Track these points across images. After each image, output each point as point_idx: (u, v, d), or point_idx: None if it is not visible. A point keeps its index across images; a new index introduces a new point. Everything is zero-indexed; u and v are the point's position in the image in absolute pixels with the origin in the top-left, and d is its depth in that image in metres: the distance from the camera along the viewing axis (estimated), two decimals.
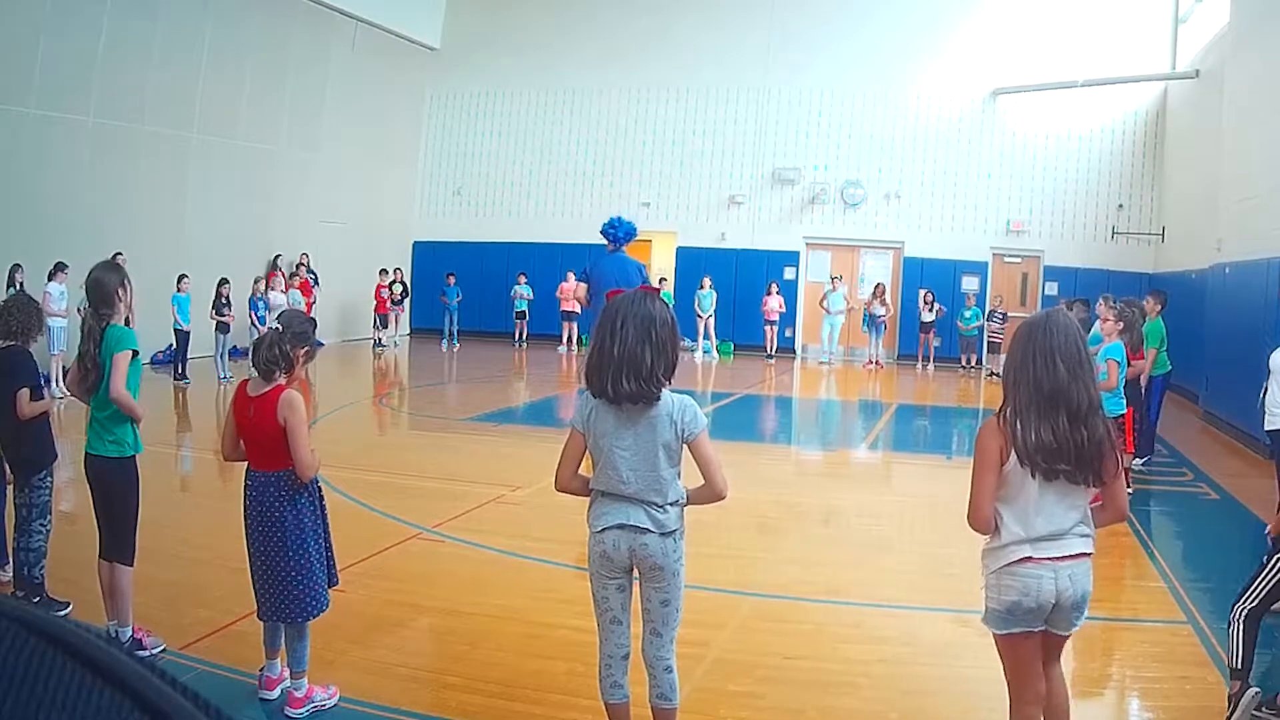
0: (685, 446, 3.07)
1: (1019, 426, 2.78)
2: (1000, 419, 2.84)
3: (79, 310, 4.25)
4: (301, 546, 3.61)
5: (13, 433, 4.61)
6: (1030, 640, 2.86)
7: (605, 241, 7.91)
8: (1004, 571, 2.81)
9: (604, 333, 3.03)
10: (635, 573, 3.14)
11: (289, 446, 3.60)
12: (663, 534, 3.04)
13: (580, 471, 3.20)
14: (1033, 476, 2.76)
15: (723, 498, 3.10)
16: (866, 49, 19.10)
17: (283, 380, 3.66)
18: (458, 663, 4.24)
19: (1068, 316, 2.97)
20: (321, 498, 3.80)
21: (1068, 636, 2.96)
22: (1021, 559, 2.78)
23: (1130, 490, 7.28)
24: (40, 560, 4.57)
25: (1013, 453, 2.76)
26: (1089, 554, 2.85)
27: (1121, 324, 6.93)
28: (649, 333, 2.99)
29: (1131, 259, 18.24)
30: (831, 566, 5.89)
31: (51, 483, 4.67)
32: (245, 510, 3.68)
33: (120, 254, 11.82)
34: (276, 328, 3.72)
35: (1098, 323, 7.18)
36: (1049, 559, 2.78)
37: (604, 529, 3.07)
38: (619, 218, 8.03)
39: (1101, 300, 7.36)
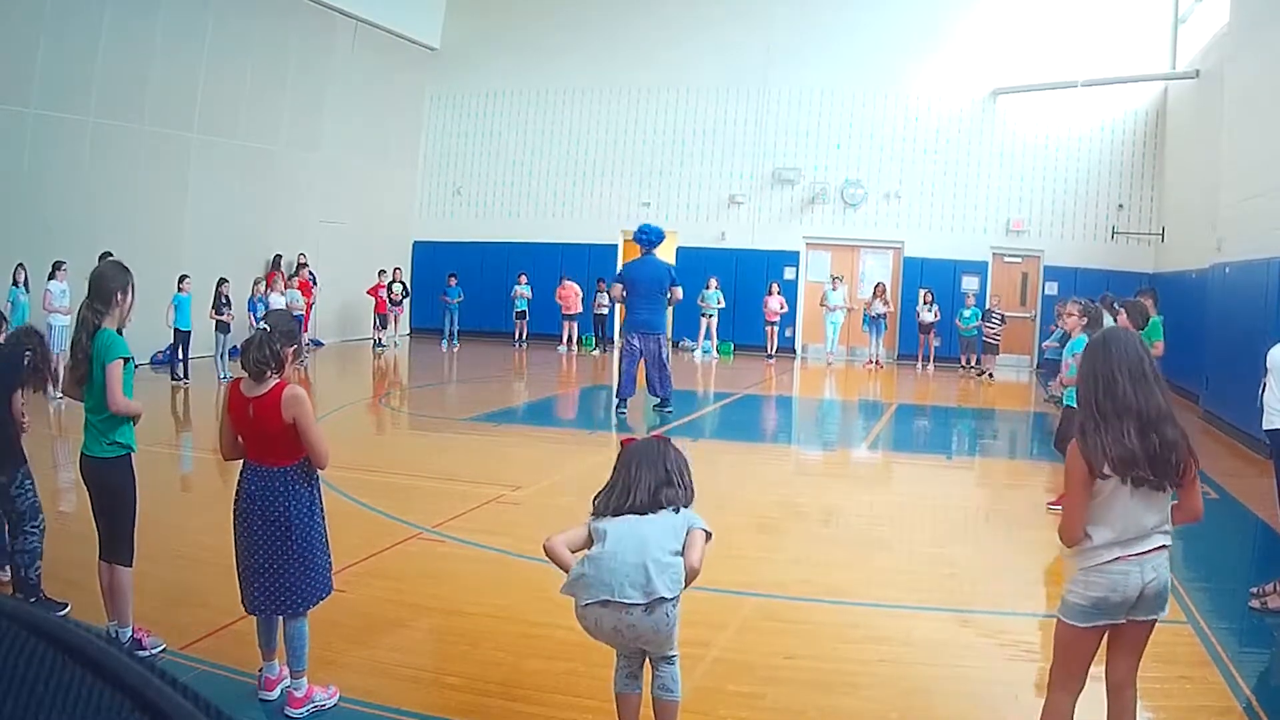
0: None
1: (1092, 441, 2.93)
2: (1080, 438, 2.99)
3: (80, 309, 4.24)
4: (307, 538, 3.62)
5: None
6: (1097, 635, 2.99)
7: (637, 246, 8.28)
8: (1094, 570, 2.94)
9: (618, 477, 3.30)
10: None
11: (302, 441, 3.61)
12: (650, 605, 3.07)
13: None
14: (1124, 483, 2.90)
15: (695, 575, 3.22)
16: (866, 49, 19.11)
17: (276, 379, 3.65)
18: (458, 663, 4.24)
19: (1127, 333, 3.20)
20: (319, 487, 3.81)
21: (1150, 630, 3.04)
22: (1113, 559, 2.92)
23: None
24: (35, 561, 4.55)
25: (1104, 465, 2.89)
26: (1168, 546, 3.00)
27: (1086, 319, 7.00)
28: (666, 482, 3.25)
29: (1131, 259, 18.24)
30: (831, 566, 5.89)
31: (31, 485, 4.65)
32: (242, 503, 3.67)
33: (109, 253, 11.83)
34: (264, 328, 3.72)
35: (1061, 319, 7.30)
36: (1134, 555, 2.92)
37: (586, 604, 3.14)
38: (647, 224, 8.42)
39: (1072, 300, 7.50)
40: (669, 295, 10.61)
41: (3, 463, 4.56)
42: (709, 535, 3.24)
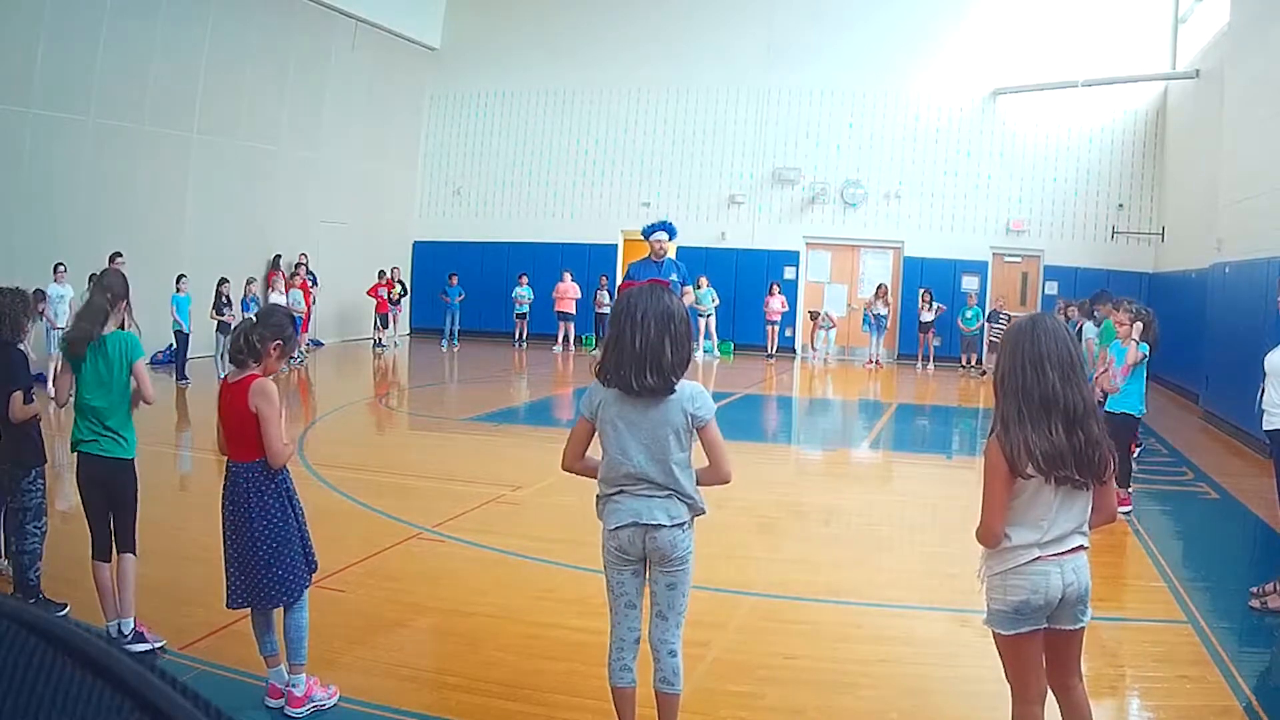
0: (695, 432, 3.13)
1: (1015, 437, 2.77)
2: (996, 433, 2.85)
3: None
4: (272, 535, 3.61)
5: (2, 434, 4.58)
6: (1035, 639, 2.87)
7: (668, 241, 7.78)
8: (1012, 572, 2.82)
9: (623, 326, 3.07)
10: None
11: (260, 435, 3.60)
12: (673, 525, 3.10)
13: (588, 455, 3.26)
14: (1047, 482, 2.77)
15: (728, 481, 3.19)
16: (866, 49, 19.11)
17: (256, 371, 3.66)
18: (458, 663, 4.24)
19: (1055, 320, 2.99)
20: (289, 485, 3.76)
21: (1079, 638, 2.95)
22: (1033, 559, 2.80)
23: (1130, 489, 7.30)
24: (35, 562, 4.55)
25: (1027, 464, 2.75)
26: (1086, 547, 2.89)
27: (1140, 323, 6.91)
28: (668, 327, 3.06)
29: (1131, 259, 18.25)
30: (831, 566, 5.89)
31: (43, 485, 4.65)
32: (222, 497, 3.71)
33: (120, 255, 11.84)
34: (251, 319, 3.72)
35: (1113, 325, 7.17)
36: (1054, 555, 2.81)
37: (618, 527, 3.13)
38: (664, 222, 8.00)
39: (1123, 308, 7.26)
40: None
41: (24, 455, 4.57)
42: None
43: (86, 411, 4.17)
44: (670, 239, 7.71)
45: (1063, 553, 2.81)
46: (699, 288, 18.83)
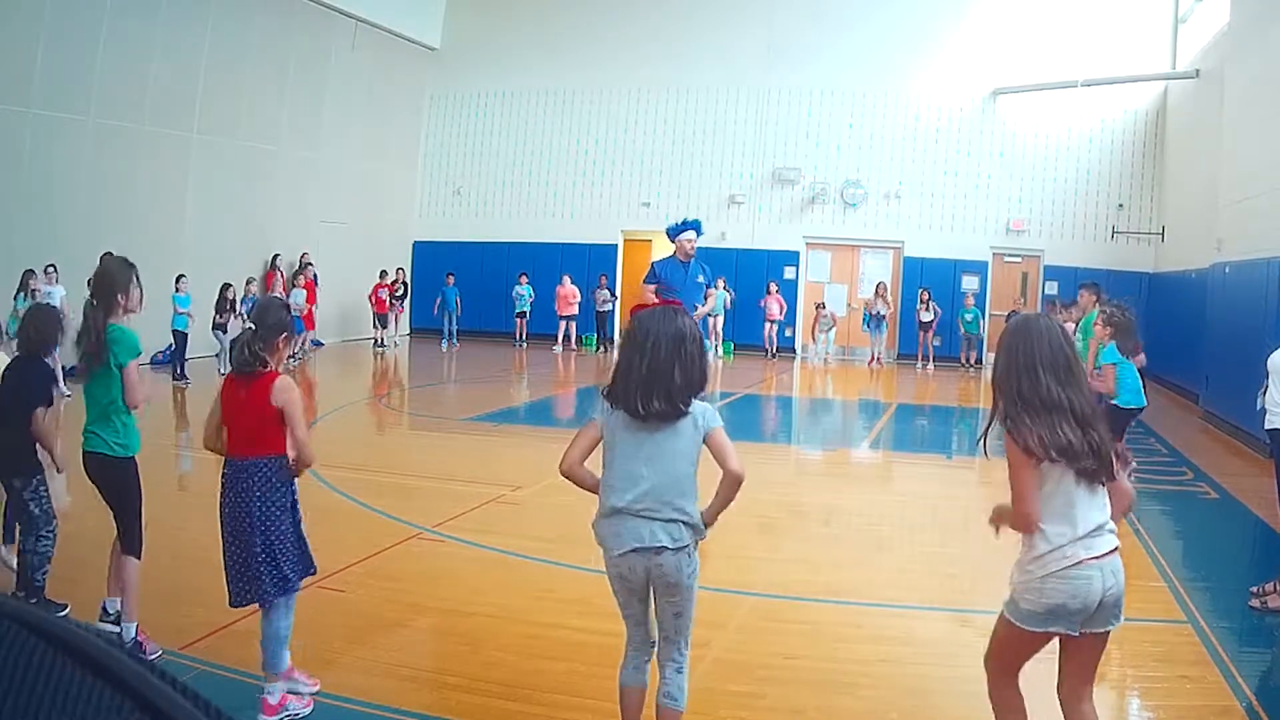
0: (703, 443, 3.11)
1: (1023, 432, 2.75)
2: (1007, 427, 2.82)
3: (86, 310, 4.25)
4: (269, 526, 3.62)
5: (6, 443, 4.58)
6: (1048, 637, 2.81)
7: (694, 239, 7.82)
8: (1053, 576, 2.73)
9: (632, 351, 3.07)
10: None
11: (289, 432, 3.63)
12: (677, 550, 3.05)
13: (588, 464, 3.21)
14: (1069, 472, 2.74)
15: (741, 478, 3.09)
16: (866, 49, 19.10)
17: (267, 370, 3.68)
18: (458, 663, 4.24)
19: (1049, 321, 2.95)
20: (295, 489, 3.77)
21: (1104, 643, 2.88)
22: (1077, 562, 2.72)
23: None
24: (44, 564, 4.55)
25: (1044, 451, 2.72)
26: (1119, 547, 2.85)
27: (1110, 328, 6.96)
28: (679, 350, 3.04)
29: (1131, 259, 18.25)
30: (831, 566, 5.89)
31: (46, 492, 4.65)
32: (221, 498, 3.70)
33: (110, 254, 11.84)
34: (250, 327, 3.74)
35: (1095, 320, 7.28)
36: (1095, 557, 2.74)
37: (621, 553, 3.06)
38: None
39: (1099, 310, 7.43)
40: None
41: (19, 469, 4.57)
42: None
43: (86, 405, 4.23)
44: (699, 236, 7.82)
45: (1104, 554, 2.75)
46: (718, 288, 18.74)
